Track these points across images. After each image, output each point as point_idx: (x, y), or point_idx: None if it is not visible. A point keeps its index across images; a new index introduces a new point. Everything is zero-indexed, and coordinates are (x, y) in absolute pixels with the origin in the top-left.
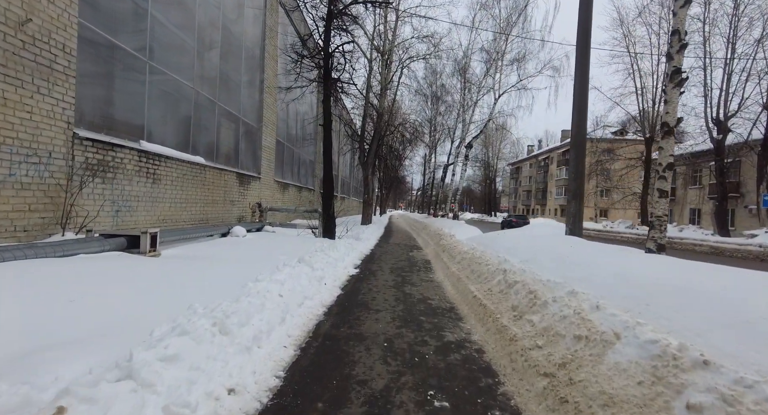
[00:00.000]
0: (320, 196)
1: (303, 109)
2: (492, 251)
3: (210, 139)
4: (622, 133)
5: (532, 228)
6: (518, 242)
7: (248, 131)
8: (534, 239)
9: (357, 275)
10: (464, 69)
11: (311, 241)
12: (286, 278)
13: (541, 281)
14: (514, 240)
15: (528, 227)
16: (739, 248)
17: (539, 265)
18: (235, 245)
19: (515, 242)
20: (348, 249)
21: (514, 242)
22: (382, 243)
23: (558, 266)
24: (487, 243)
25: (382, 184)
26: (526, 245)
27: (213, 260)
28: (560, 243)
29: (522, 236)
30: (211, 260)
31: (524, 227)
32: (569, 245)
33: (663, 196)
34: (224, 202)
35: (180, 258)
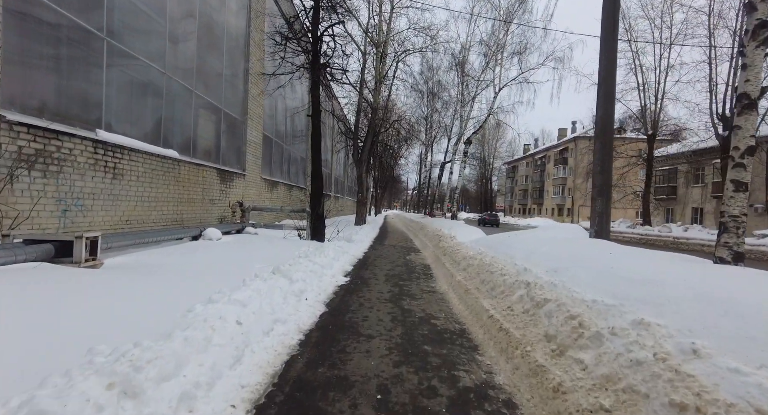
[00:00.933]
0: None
1: (293, 103)
2: (505, 256)
3: (186, 131)
4: (620, 132)
5: (545, 230)
6: (536, 246)
7: (231, 125)
8: (555, 243)
9: (347, 285)
10: (462, 63)
11: (296, 244)
12: (253, 296)
13: (583, 302)
14: (531, 244)
15: (540, 229)
16: (752, 249)
17: (574, 278)
18: (204, 251)
19: (533, 246)
20: (338, 253)
21: (531, 247)
22: (377, 245)
23: (602, 280)
24: (497, 247)
25: (377, 183)
26: (548, 250)
27: (166, 272)
28: (592, 248)
29: (539, 239)
30: (165, 271)
31: (537, 229)
32: (607, 251)
33: (740, 190)
34: (203, 201)
35: (125, 269)
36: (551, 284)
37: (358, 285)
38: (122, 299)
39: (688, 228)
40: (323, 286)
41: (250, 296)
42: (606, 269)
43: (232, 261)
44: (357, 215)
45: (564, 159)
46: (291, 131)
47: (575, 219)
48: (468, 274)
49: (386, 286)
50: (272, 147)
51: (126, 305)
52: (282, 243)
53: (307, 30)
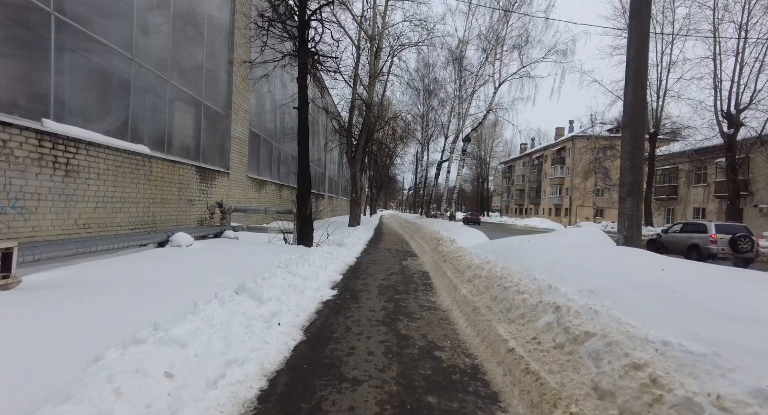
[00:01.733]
0: (299, 194)
1: (284, 100)
2: (520, 268)
3: (159, 125)
4: (618, 131)
5: (561, 235)
6: (557, 255)
7: (213, 119)
8: (579, 251)
9: (333, 302)
10: (460, 58)
11: (279, 250)
12: (200, 329)
13: (648, 342)
14: (550, 253)
15: (556, 234)
16: (766, 252)
17: (621, 303)
18: (165, 261)
19: (552, 255)
20: (326, 260)
21: (550, 256)
22: (371, 249)
23: (667, 309)
24: (508, 255)
25: (373, 182)
26: (574, 262)
27: (100, 292)
28: (632, 260)
29: (557, 245)
30: (99, 290)
31: (552, 233)
32: (655, 265)
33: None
34: (179, 202)
35: (47, 289)
36: (590, 311)
37: (346, 301)
38: (4, 342)
39: None
40: (304, 304)
41: (195, 330)
42: (666, 291)
43: (193, 275)
44: (351, 216)
45: (561, 159)
46: (281, 128)
47: (573, 220)
48: (475, 287)
49: (379, 301)
50: (260, 144)
51: (2, 354)
52: (263, 249)
53: (294, 13)
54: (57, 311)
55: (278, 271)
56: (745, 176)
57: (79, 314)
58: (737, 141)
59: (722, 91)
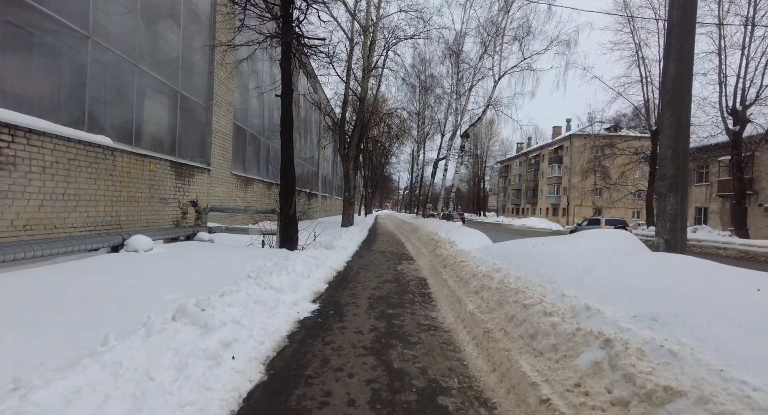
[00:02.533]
0: (287, 192)
1: (268, 88)
2: (540, 279)
3: (125, 114)
4: (616, 129)
5: (582, 237)
6: (586, 263)
7: (192, 111)
8: (614, 258)
9: (311, 320)
10: (458, 51)
11: (256, 256)
12: (96, 384)
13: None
14: (576, 260)
15: (575, 236)
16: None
17: (713, 340)
18: (106, 272)
19: (580, 263)
20: (309, 267)
21: (578, 264)
22: (363, 251)
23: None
24: (521, 261)
25: (368, 181)
26: (612, 273)
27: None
28: (696, 272)
29: (583, 251)
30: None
31: (572, 236)
32: (742, 281)
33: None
34: (150, 201)
35: None
36: (662, 350)
37: (328, 318)
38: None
39: (696, 229)
40: (273, 325)
41: (79, 389)
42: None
43: (136, 290)
44: (344, 216)
45: (559, 158)
46: (270, 125)
47: (570, 220)
48: (484, 302)
49: (368, 318)
50: (247, 140)
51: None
52: (237, 254)
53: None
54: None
55: (245, 283)
56: (750, 175)
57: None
58: (743, 138)
59: (727, 87)
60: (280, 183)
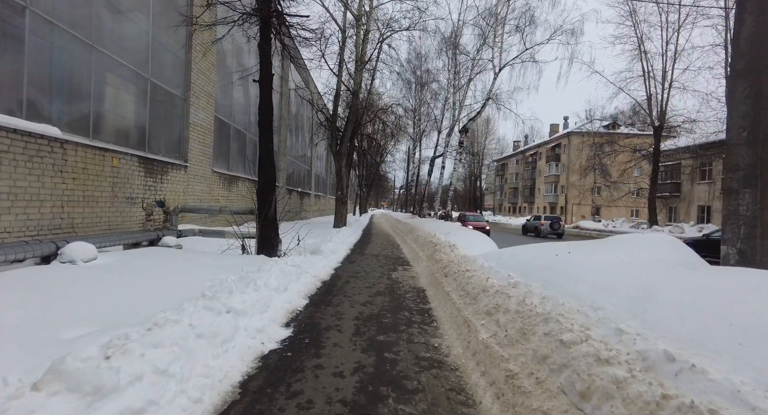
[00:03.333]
0: (267, 189)
1: (248, 72)
2: (576, 301)
3: (80, 102)
4: (614, 127)
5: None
6: (643, 282)
7: (165, 101)
8: (682, 276)
9: (276, 357)
10: (455, 42)
11: (225, 265)
12: None
13: None
14: (625, 276)
15: (609, 242)
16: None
17: None
18: (10, 294)
19: (632, 281)
20: (287, 278)
21: (630, 283)
22: (355, 256)
23: None
24: (543, 275)
25: (362, 180)
26: (693, 300)
27: None
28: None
29: (628, 263)
30: None
31: (605, 242)
32: None
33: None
34: (113, 201)
35: None
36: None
37: (300, 353)
38: None
39: (702, 228)
40: (221, 370)
41: None
42: None
43: (23, 325)
44: (336, 216)
45: (557, 156)
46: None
47: (569, 219)
48: (501, 329)
49: (353, 351)
50: (231, 136)
51: None
52: (201, 264)
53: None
54: None
55: (192, 307)
56: None
57: None
58: None
59: None
60: (258, 179)
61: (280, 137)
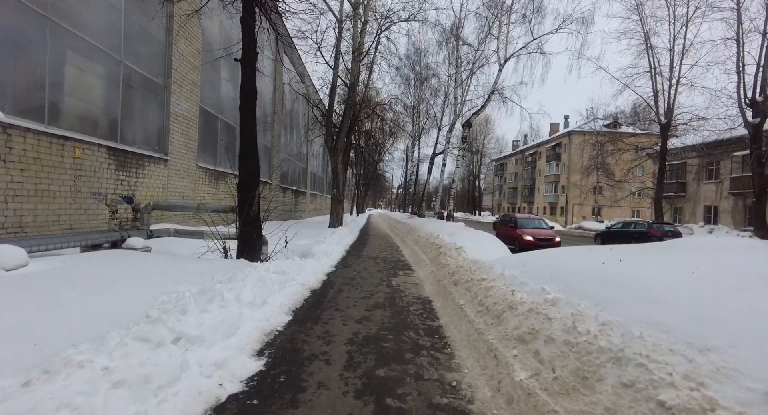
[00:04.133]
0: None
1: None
2: (668, 338)
3: (32, 82)
4: (615, 126)
5: (696, 249)
6: (757, 305)
7: (142, 88)
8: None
9: (235, 406)
10: (457, 34)
11: (192, 273)
12: None
13: None
14: (728, 297)
15: (679, 244)
16: None
17: None
18: None
19: (744, 306)
20: (267, 288)
21: (745, 313)
22: (351, 258)
23: None
24: (597, 292)
25: (360, 179)
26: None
27: None
28: None
29: (720, 275)
30: None
31: (675, 247)
32: None
33: None
34: (75, 196)
35: None
36: None
37: (269, 399)
38: None
39: (713, 229)
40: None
41: None
42: None
43: None
44: (332, 215)
45: (557, 155)
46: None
47: (569, 219)
48: (546, 367)
49: (344, 396)
50: (219, 129)
51: None
52: (165, 272)
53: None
54: None
55: (121, 337)
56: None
57: None
58: (763, 131)
59: (746, 77)
60: (238, 172)
61: (273, 133)
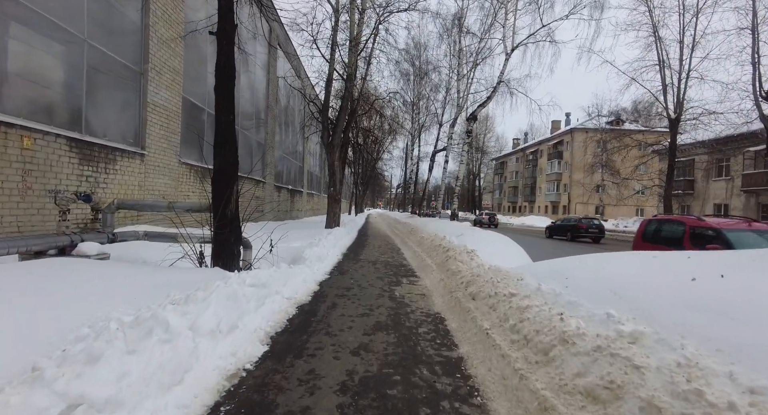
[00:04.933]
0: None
1: (251, 79)
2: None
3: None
4: (618, 123)
5: None
6: None
7: (113, 73)
8: None
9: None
10: (461, 24)
11: (139, 290)
12: None
13: None
14: None
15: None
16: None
17: None
18: None
19: None
20: (240, 307)
21: None
22: (348, 263)
23: None
24: (718, 332)
25: (358, 178)
26: None
27: None
28: None
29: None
30: None
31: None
32: None
33: None
34: (23, 193)
35: None
36: None
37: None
38: None
39: None
40: None
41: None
42: None
43: None
44: (328, 215)
45: (559, 153)
46: (240, 108)
47: None
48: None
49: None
50: (206, 122)
51: None
52: (109, 288)
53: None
54: None
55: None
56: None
57: None
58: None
59: (761, 68)
60: (213, 163)
61: (267, 129)
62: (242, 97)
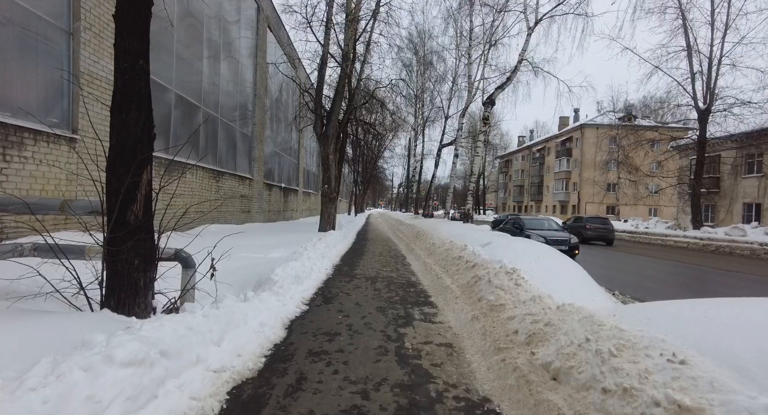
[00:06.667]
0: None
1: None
2: None
3: None
4: (629, 120)
5: None
6: None
7: (22, 26)
8: None
9: None
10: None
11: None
12: None
13: None
14: None
15: None
16: None
17: None
18: None
19: None
20: (120, 394)
21: None
22: (339, 281)
23: None
24: None
25: (358, 177)
26: None
27: None
28: None
29: None
30: None
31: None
32: None
33: None
34: None
35: None
36: None
37: None
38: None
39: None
40: None
41: None
42: None
43: None
44: (322, 216)
45: (567, 150)
46: (227, 98)
47: None
48: None
49: None
50: (172, 104)
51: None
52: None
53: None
54: None
55: None
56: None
57: None
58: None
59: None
60: (110, 138)
61: (254, 121)
62: (225, 82)
